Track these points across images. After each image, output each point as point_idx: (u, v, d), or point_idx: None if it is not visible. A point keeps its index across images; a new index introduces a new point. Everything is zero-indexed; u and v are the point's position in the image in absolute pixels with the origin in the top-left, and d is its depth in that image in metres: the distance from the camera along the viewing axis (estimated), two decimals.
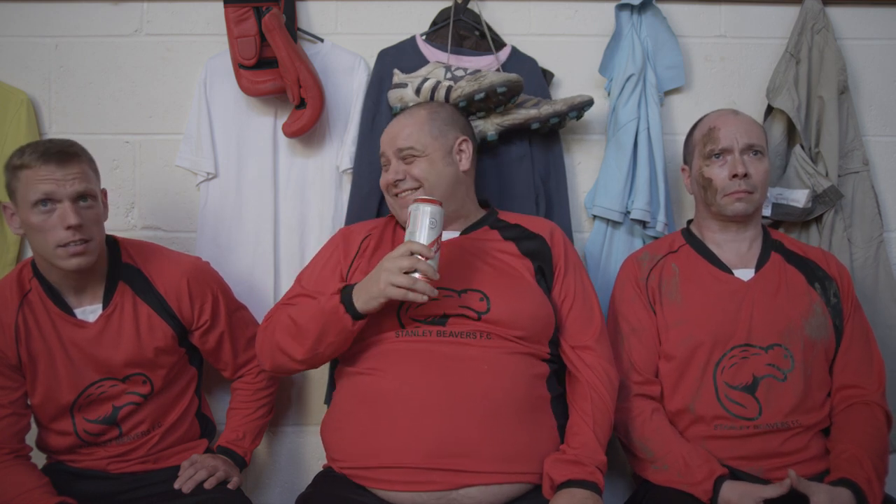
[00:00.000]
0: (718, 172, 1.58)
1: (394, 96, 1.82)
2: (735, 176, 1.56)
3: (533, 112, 1.78)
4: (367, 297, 1.38)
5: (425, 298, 1.35)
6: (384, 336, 1.46)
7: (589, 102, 1.80)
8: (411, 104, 1.76)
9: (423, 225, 1.36)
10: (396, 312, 1.45)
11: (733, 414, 1.50)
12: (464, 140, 1.60)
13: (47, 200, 1.42)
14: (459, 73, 1.77)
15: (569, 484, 1.36)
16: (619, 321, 1.61)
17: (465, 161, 1.59)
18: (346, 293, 1.40)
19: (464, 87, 1.73)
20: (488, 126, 1.79)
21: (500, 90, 1.71)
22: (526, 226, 1.61)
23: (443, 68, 1.78)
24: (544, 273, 1.55)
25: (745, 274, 1.59)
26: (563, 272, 1.56)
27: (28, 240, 1.48)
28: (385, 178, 1.59)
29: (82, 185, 1.45)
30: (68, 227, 1.42)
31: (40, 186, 1.41)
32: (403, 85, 1.80)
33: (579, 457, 1.39)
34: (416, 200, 1.38)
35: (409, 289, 1.34)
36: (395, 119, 1.63)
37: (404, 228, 1.41)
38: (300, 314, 1.45)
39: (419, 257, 1.34)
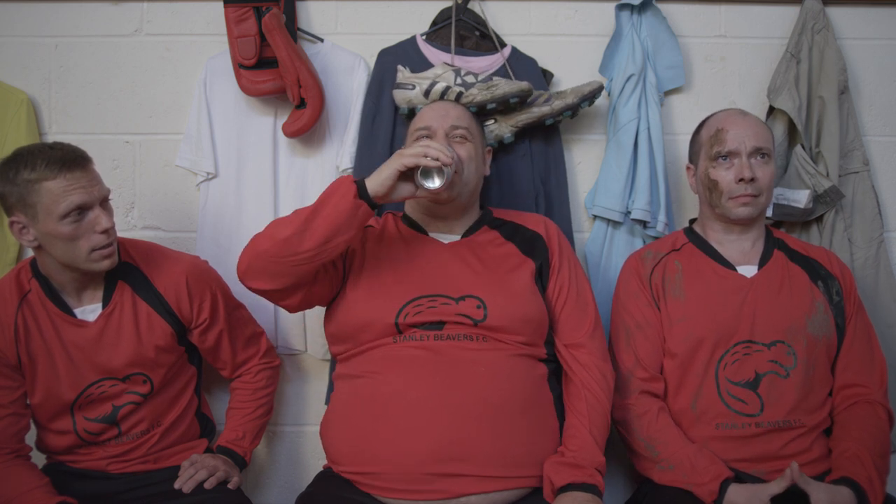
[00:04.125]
0: (724, 175, 1.57)
1: (400, 97, 1.81)
2: (741, 180, 1.55)
3: (546, 109, 1.78)
4: (379, 171, 1.36)
5: (438, 164, 1.33)
6: (382, 342, 1.45)
7: (599, 88, 1.80)
8: (420, 107, 1.75)
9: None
10: (394, 319, 1.44)
11: (735, 410, 1.50)
12: (489, 150, 1.67)
13: (81, 209, 1.41)
14: (470, 78, 1.77)
15: (569, 487, 1.36)
16: (624, 317, 1.61)
17: (488, 167, 1.65)
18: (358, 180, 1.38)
19: (475, 96, 1.74)
20: (504, 129, 1.79)
21: (512, 101, 1.72)
22: (522, 223, 1.62)
23: (452, 72, 1.78)
24: (542, 272, 1.55)
25: (748, 271, 1.59)
26: (558, 267, 1.56)
27: (47, 249, 1.45)
28: None
29: (104, 187, 1.47)
30: (103, 231, 1.44)
31: (72, 197, 1.40)
32: (411, 86, 1.79)
33: (578, 459, 1.39)
34: None
35: (422, 154, 1.33)
36: (435, 102, 1.67)
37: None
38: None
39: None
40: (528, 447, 1.40)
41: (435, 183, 1.36)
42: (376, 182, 1.35)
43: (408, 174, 1.37)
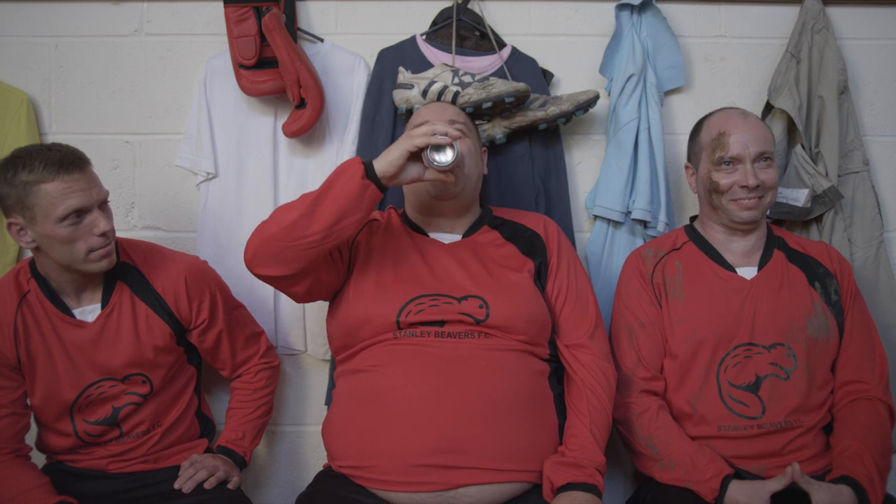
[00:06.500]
0: (728, 179, 1.56)
1: (399, 97, 1.81)
2: (745, 186, 1.54)
3: (540, 114, 1.78)
4: (388, 152, 1.35)
5: (448, 140, 1.33)
6: (382, 337, 1.46)
7: (595, 98, 1.80)
8: (417, 106, 1.76)
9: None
10: (396, 317, 1.45)
11: (737, 413, 1.50)
12: (484, 150, 1.67)
13: (79, 212, 1.41)
14: (467, 78, 1.77)
15: (568, 487, 1.36)
16: (626, 316, 1.60)
17: (485, 166, 1.65)
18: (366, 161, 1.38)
19: (471, 95, 1.74)
20: (496, 130, 1.80)
21: (507, 100, 1.72)
22: (521, 222, 1.62)
23: (450, 72, 1.78)
24: (541, 271, 1.55)
25: (748, 272, 1.59)
26: (557, 266, 1.56)
27: (45, 251, 1.45)
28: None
29: (103, 189, 1.47)
30: (101, 234, 1.43)
31: (70, 200, 1.39)
32: (409, 86, 1.79)
33: (578, 459, 1.39)
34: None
35: (430, 133, 1.33)
36: (432, 102, 1.70)
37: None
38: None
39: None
40: (527, 442, 1.40)
41: (447, 156, 1.35)
42: (385, 162, 1.34)
43: (417, 155, 1.37)
